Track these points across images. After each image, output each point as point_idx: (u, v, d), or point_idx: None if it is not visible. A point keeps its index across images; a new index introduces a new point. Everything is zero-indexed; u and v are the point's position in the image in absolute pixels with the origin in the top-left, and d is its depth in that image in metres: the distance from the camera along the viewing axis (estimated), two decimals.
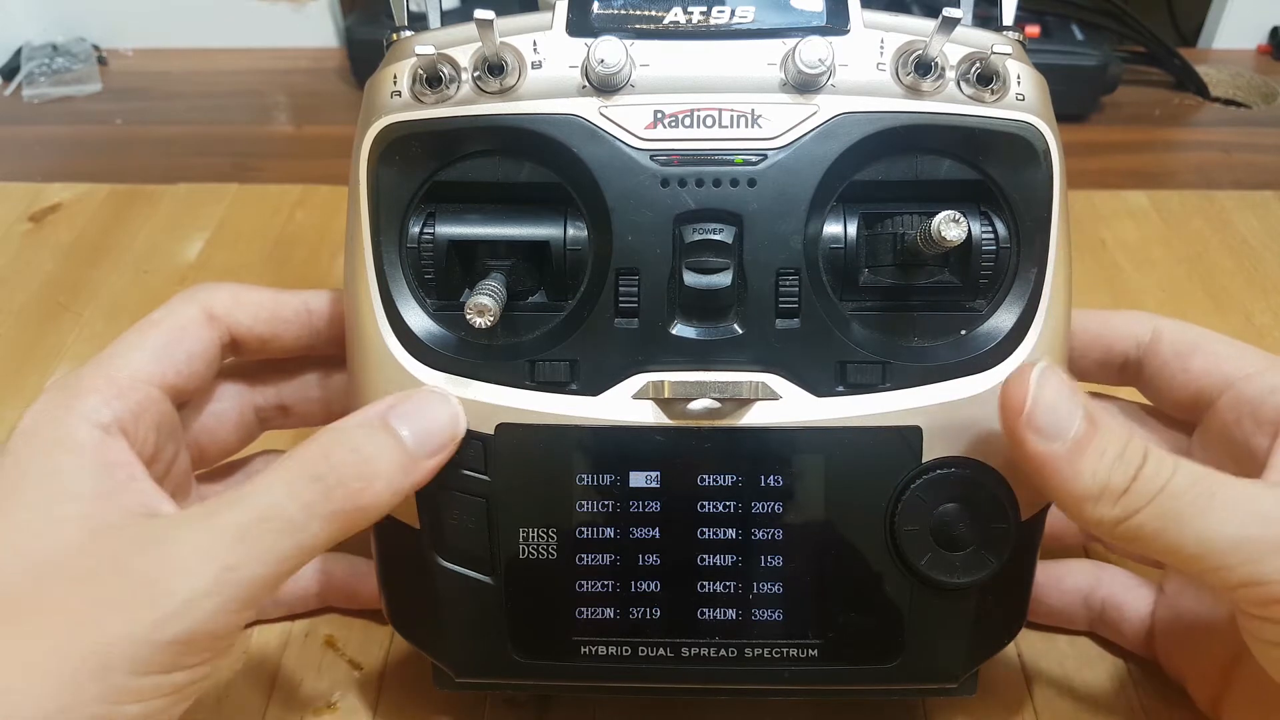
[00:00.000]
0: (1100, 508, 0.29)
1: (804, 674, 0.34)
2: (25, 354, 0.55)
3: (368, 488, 0.29)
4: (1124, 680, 0.39)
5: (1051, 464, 0.29)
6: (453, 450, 0.32)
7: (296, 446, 0.30)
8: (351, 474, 0.29)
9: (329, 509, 0.29)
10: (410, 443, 0.30)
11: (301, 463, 0.29)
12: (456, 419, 0.32)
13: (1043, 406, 0.29)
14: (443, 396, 0.32)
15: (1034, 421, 0.29)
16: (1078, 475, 0.29)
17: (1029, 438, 0.30)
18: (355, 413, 0.31)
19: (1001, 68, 0.32)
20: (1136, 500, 0.29)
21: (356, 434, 0.30)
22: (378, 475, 0.30)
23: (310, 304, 0.37)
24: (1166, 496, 0.29)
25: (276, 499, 0.29)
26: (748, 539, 0.33)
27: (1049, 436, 0.29)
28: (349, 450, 0.30)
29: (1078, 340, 0.36)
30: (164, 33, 0.86)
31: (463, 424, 0.32)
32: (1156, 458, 0.29)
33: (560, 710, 0.39)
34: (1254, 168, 0.71)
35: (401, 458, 0.30)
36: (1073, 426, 0.29)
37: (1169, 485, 0.29)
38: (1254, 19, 0.86)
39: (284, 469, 0.29)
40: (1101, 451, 0.29)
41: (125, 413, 0.32)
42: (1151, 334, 0.36)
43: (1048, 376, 0.30)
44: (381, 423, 0.30)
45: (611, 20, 0.32)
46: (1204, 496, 0.28)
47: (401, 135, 0.32)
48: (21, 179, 0.70)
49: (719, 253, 0.32)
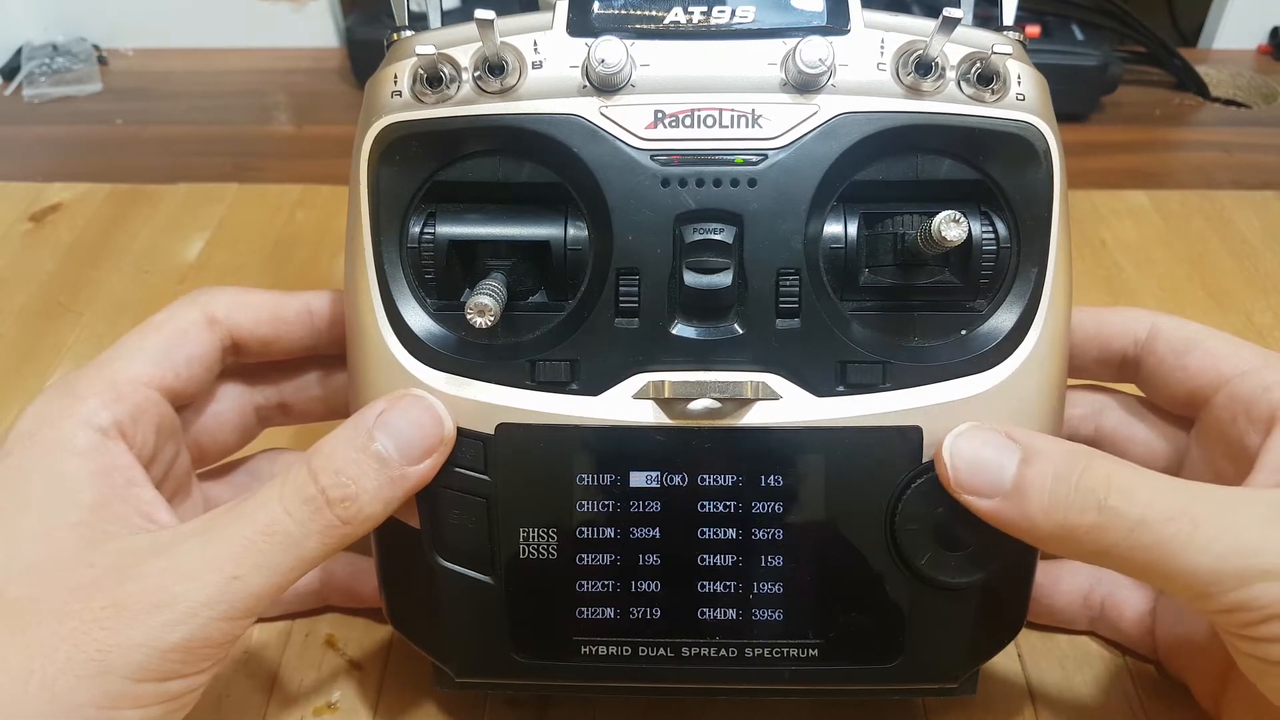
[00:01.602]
0: (1067, 546, 0.30)
1: (804, 674, 0.34)
2: (25, 354, 0.55)
3: (353, 505, 0.30)
4: (1124, 680, 0.39)
5: (1002, 517, 0.30)
6: (446, 451, 0.32)
7: (289, 469, 0.31)
8: (338, 495, 0.30)
9: (322, 525, 0.30)
10: (395, 455, 0.31)
11: (293, 486, 0.30)
12: (441, 422, 0.32)
13: (964, 469, 0.31)
14: (426, 401, 0.32)
15: (962, 485, 0.31)
16: (1030, 519, 0.30)
17: (969, 500, 0.31)
18: (343, 426, 0.32)
19: (1002, 68, 0.32)
20: (1109, 535, 0.29)
21: (339, 456, 0.31)
22: (362, 493, 0.30)
23: (312, 305, 0.37)
24: (1144, 529, 0.28)
25: (275, 515, 0.30)
26: (748, 539, 0.33)
27: (984, 493, 0.30)
28: (332, 474, 0.30)
29: (1075, 337, 0.36)
30: (164, 33, 0.87)
31: (450, 425, 0.32)
32: (1125, 484, 0.29)
33: (560, 710, 0.39)
34: (1254, 168, 0.71)
35: (384, 475, 0.31)
36: (1005, 476, 0.30)
37: (1145, 516, 0.28)
38: (1254, 19, 0.86)
39: (278, 489, 0.30)
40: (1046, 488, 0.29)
41: (125, 416, 0.32)
42: (1149, 331, 0.36)
43: (965, 437, 0.31)
44: (364, 441, 0.31)
45: (612, 20, 0.32)
46: (1185, 529, 0.28)
47: (402, 135, 0.32)
48: (21, 179, 0.70)
49: (719, 253, 0.32)
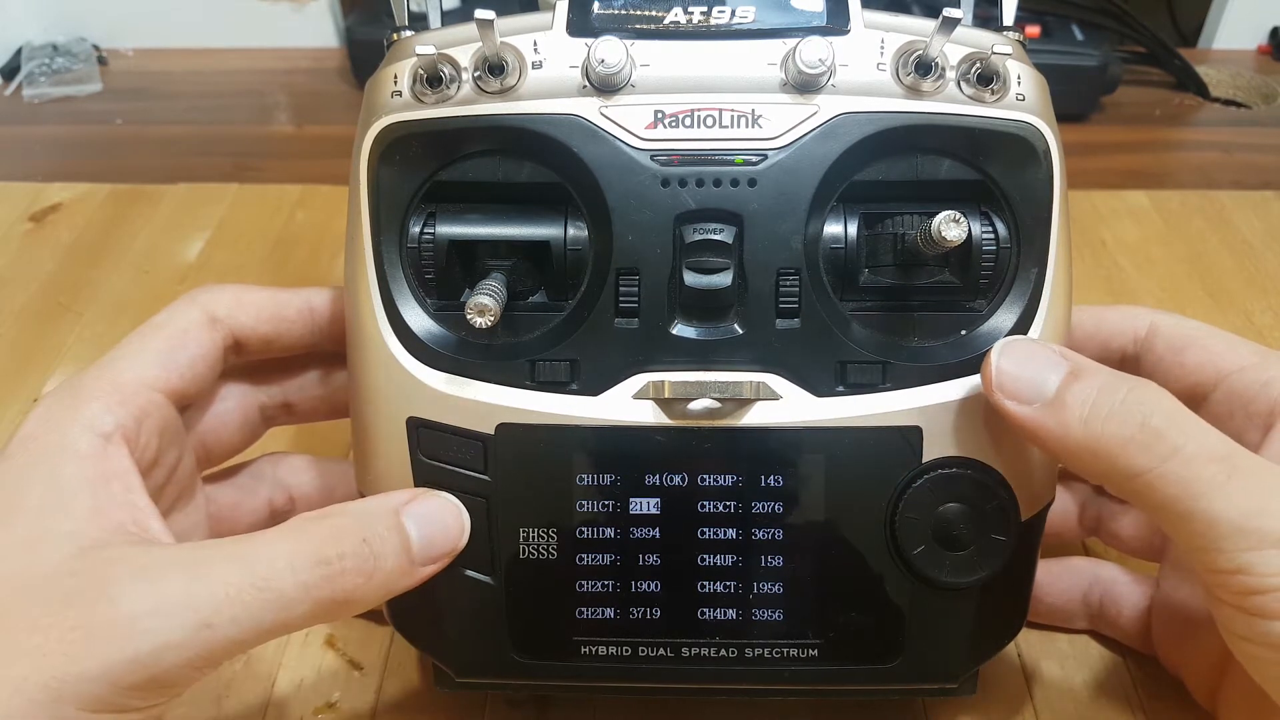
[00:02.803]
0: (1098, 461, 0.29)
1: (804, 674, 0.34)
2: (25, 354, 0.55)
3: (366, 583, 0.29)
4: (1124, 680, 0.39)
5: (1037, 425, 0.30)
6: (448, 562, 0.32)
7: (308, 516, 0.30)
8: (355, 566, 0.29)
9: (324, 595, 0.29)
10: (417, 546, 0.31)
11: (312, 540, 0.29)
12: (464, 532, 0.32)
13: (1008, 373, 0.30)
14: (457, 506, 0.32)
15: (1004, 388, 0.30)
16: (1065, 429, 0.29)
17: (1005, 405, 0.30)
18: (374, 497, 0.32)
19: (1002, 68, 0.32)
20: (1144, 457, 0.28)
21: (371, 525, 0.30)
22: (378, 572, 0.30)
23: (313, 302, 0.37)
24: (1181, 460, 0.28)
25: (278, 569, 0.28)
26: (748, 539, 0.33)
27: (1024, 398, 0.30)
28: (359, 541, 0.29)
29: (1074, 336, 0.36)
30: (164, 33, 0.87)
31: (465, 539, 0.32)
32: (1172, 412, 0.29)
33: (560, 710, 0.39)
34: (1254, 168, 0.71)
35: (405, 561, 0.30)
36: (1048, 385, 0.30)
37: (1187, 448, 0.28)
38: (1254, 19, 0.86)
39: (293, 540, 0.29)
40: (1089, 400, 0.29)
41: (128, 419, 0.32)
42: (1148, 328, 0.36)
43: (1013, 345, 0.31)
44: (396, 519, 0.30)
45: (612, 20, 0.32)
46: (1223, 473, 0.28)
47: (402, 135, 0.32)
48: (21, 179, 0.70)
49: (719, 253, 0.32)
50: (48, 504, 0.29)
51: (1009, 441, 0.33)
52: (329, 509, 0.30)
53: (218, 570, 0.28)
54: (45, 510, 0.29)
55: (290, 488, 0.40)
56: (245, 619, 0.27)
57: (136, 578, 0.28)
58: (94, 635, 0.27)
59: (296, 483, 0.40)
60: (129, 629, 0.27)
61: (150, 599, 0.27)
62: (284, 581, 0.28)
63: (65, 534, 0.29)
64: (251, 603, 0.27)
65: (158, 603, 0.27)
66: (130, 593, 0.27)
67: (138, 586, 0.27)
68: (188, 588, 0.27)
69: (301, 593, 0.28)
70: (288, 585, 0.28)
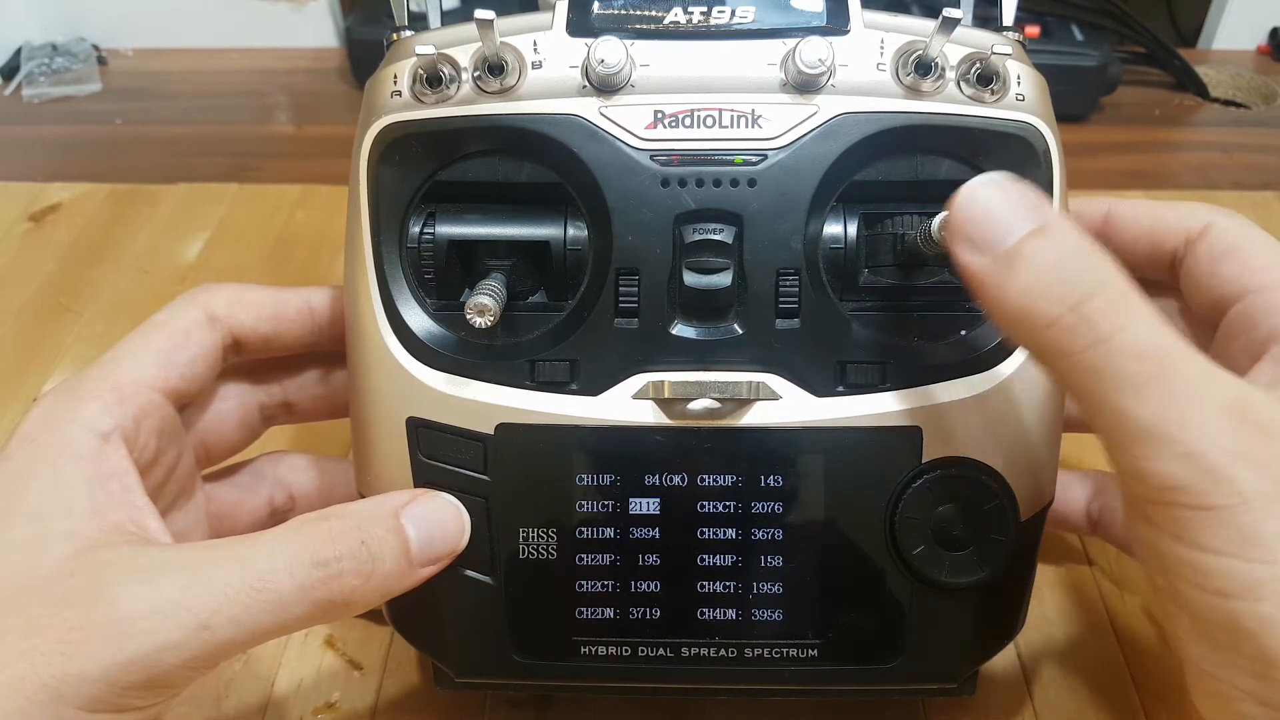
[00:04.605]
0: (1022, 332, 0.27)
1: (804, 674, 0.34)
2: (25, 354, 0.55)
3: (364, 585, 0.29)
4: (1124, 680, 0.39)
5: (978, 276, 0.27)
6: (449, 563, 0.32)
7: (307, 517, 0.30)
8: (353, 568, 0.29)
9: (322, 596, 0.29)
10: (416, 547, 0.31)
11: (310, 542, 0.29)
12: (464, 533, 0.32)
13: (969, 212, 0.27)
14: (457, 507, 0.32)
15: (961, 228, 0.27)
16: (1002, 291, 0.26)
17: (955, 247, 0.27)
18: (374, 499, 0.32)
19: (1001, 68, 0.32)
20: (1068, 340, 0.26)
21: (370, 527, 0.30)
22: (376, 574, 0.30)
23: (312, 301, 0.37)
24: (1104, 351, 0.25)
25: (276, 571, 0.28)
26: (747, 539, 0.33)
27: (977, 245, 0.27)
28: (358, 543, 0.29)
29: (1127, 234, 0.34)
30: (164, 33, 0.86)
31: (465, 540, 0.32)
32: (1114, 301, 0.26)
33: (560, 710, 0.39)
34: (1254, 168, 0.71)
35: (403, 563, 0.30)
36: (1010, 236, 0.26)
37: (1115, 341, 0.25)
38: (1254, 19, 0.85)
39: (291, 541, 0.29)
40: (1039, 267, 0.26)
41: (127, 419, 0.32)
42: (1202, 229, 0.33)
43: (992, 184, 0.27)
44: (395, 521, 0.30)
45: (612, 20, 0.32)
46: (1145, 373, 0.25)
47: (401, 135, 0.32)
48: (21, 179, 0.70)
49: (719, 253, 0.32)
50: (46, 504, 0.29)
51: (1009, 442, 0.33)
52: (328, 510, 0.30)
53: (216, 571, 0.28)
54: (44, 510, 0.29)
55: (290, 487, 0.40)
56: (243, 620, 0.27)
57: (135, 579, 0.28)
58: (92, 636, 0.27)
59: (297, 482, 0.40)
60: (127, 629, 0.27)
61: (148, 600, 0.27)
62: (282, 583, 0.28)
63: (64, 534, 0.29)
64: (250, 604, 0.27)
65: (156, 604, 0.27)
66: (128, 594, 0.27)
67: (136, 587, 0.27)
68: (186, 589, 0.27)
69: (299, 594, 0.28)
70: (286, 587, 0.28)
